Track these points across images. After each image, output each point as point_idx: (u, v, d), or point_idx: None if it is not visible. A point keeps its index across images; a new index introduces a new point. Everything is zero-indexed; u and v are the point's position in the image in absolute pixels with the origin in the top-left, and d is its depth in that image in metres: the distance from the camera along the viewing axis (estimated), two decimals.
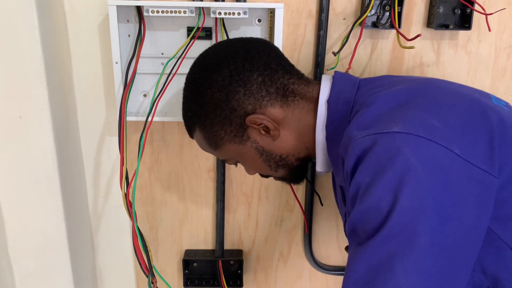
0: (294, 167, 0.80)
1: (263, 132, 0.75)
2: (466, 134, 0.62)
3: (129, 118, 0.92)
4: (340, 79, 0.77)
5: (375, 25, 0.95)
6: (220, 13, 0.87)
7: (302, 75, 0.79)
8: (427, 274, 0.55)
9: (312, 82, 0.78)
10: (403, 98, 0.67)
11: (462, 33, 0.98)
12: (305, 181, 1.07)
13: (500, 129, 0.63)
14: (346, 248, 1.02)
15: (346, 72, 0.94)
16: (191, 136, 0.82)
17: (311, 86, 0.77)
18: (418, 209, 0.56)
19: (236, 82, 0.73)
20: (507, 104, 0.73)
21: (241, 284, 1.12)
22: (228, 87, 0.73)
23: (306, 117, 0.76)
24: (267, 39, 0.94)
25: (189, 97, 0.78)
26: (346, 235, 0.70)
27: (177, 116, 0.94)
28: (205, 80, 0.75)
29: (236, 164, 0.85)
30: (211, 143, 0.78)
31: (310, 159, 0.80)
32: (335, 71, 0.79)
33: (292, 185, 0.95)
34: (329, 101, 0.74)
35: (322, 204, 1.08)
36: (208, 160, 1.06)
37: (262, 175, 0.86)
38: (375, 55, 0.99)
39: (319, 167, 0.79)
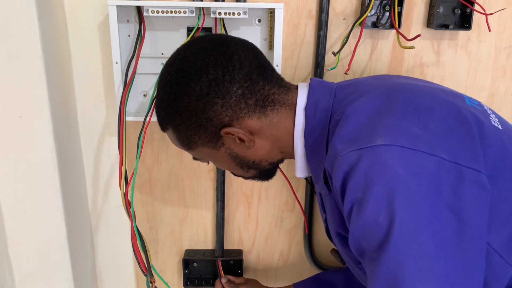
0: (265, 170, 0.80)
1: (238, 141, 0.74)
2: (449, 137, 0.63)
3: (128, 118, 0.92)
4: (317, 86, 0.76)
5: (375, 25, 0.95)
6: (220, 13, 0.87)
7: (283, 81, 0.77)
8: (443, 277, 0.56)
9: (291, 89, 0.77)
10: (381, 105, 0.67)
11: (462, 33, 0.98)
12: (305, 181, 1.07)
13: (478, 128, 0.65)
14: (332, 251, 1.01)
15: (345, 73, 0.94)
16: (163, 131, 0.80)
17: (290, 94, 0.76)
18: (417, 217, 0.57)
19: (215, 93, 0.70)
20: (479, 103, 0.75)
21: None
22: (206, 97, 0.70)
23: (284, 124, 0.75)
24: (267, 39, 0.94)
25: (164, 98, 0.75)
26: (338, 249, 0.75)
27: None
28: (182, 87, 0.71)
29: (208, 163, 0.84)
30: (184, 144, 0.77)
31: (281, 162, 0.81)
32: (311, 78, 0.79)
33: (290, 181, 0.95)
34: (306, 109, 0.74)
35: (314, 192, 1.08)
36: None
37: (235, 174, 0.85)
38: (375, 55, 0.99)
39: (299, 173, 0.79)
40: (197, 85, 0.70)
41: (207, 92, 0.70)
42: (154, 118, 0.90)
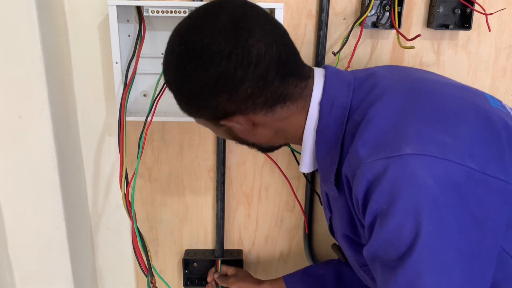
0: (265, 149, 0.78)
1: (238, 126, 0.71)
2: (477, 145, 0.61)
3: (129, 118, 0.92)
4: (333, 78, 0.71)
5: (375, 25, 0.95)
6: None
7: (303, 70, 0.71)
8: (456, 286, 0.57)
9: (309, 80, 0.72)
10: (406, 107, 0.64)
11: (462, 33, 0.98)
12: (305, 181, 1.07)
13: (506, 134, 0.63)
14: (333, 247, 1.00)
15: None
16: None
17: (307, 89, 0.71)
18: (442, 231, 0.56)
19: (222, 87, 0.65)
20: (502, 104, 0.73)
21: None
22: (212, 88, 0.65)
23: (294, 119, 0.71)
24: None
25: (170, 69, 0.69)
26: (348, 257, 0.75)
27: (177, 116, 0.94)
28: (190, 68, 0.65)
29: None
30: (184, 110, 0.72)
31: (283, 145, 0.79)
32: (327, 66, 0.75)
33: (290, 181, 0.93)
34: (321, 104, 0.69)
35: (322, 204, 1.08)
36: (208, 160, 1.06)
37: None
38: (375, 55, 0.99)
39: (304, 168, 0.75)
40: (206, 74, 0.64)
41: (214, 84, 0.64)
42: (155, 119, 0.90)
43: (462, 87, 0.74)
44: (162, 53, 0.91)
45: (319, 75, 0.72)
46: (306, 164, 0.75)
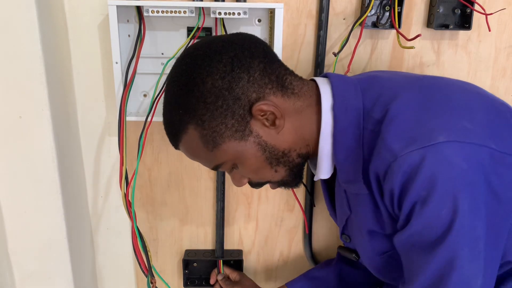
0: (294, 165, 0.77)
1: (266, 124, 0.71)
2: (492, 128, 0.66)
3: (129, 118, 0.92)
4: (340, 83, 0.75)
5: (375, 25, 0.95)
6: (220, 13, 0.87)
7: (293, 71, 0.77)
8: (483, 253, 0.64)
9: (304, 80, 0.77)
10: (424, 102, 0.69)
11: (462, 33, 0.98)
12: (305, 181, 1.07)
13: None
14: (341, 249, 1.00)
15: (345, 74, 0.94)
16: (178, 143, 0.75)
17: (305, 83, 0.76)
18: (474, 208, 0.62)
19: (239, 68, 0.69)
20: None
21: None
22: (231, 73, 0.69)
23: (306, 111, 0.74)
24: (267, 39, 0.94)
25: (180, 93, 0.71)
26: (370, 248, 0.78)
27: None
28: (203, 69, 0.69)
29: (231, 170, 0.78)
30: (209, 141, 0.72)
31: (308, 157, 0.79)
32: (327, 73, 0.78)
33: (291, 188, 0.92)
34: (335, 109, 0.72)
35: (314, 205, 1.08)
36: None
37: (254, 185, 0.80)
38: (375, 55, 0.99)
39: (323, 174, 0.77)
40: (220, 63, 0.69)
41: (231, 68, 0.69)
42: (155, 119, 0.90)
43: (463, 82, 0.79)
44: (162, 53, 0.92)
45: (323, 82, 0.76)
46: (325, 170, 0.77)
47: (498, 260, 0.68)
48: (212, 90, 0.69)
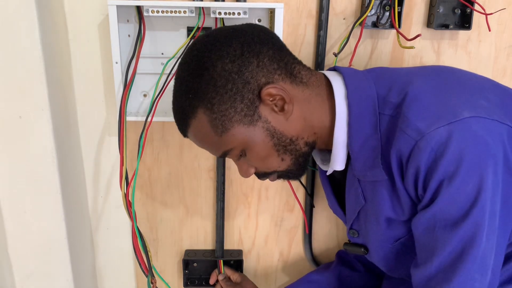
0: (301, 154, 0.77)
1: (275, 109, 0.72)
2: (506, 107, 0.68)
3: (129, 118, 0.92)
4: (351, 73, 0.76)
5: (375, 25, 0.95)
6: (220, 13, 0.87)
7: (301, 61, 0.78)
8: (497, 229, 0.66)
9: (313, 71, 0.78)
10: (439, 84, 0.71)
11: (462, 33, 0.98)
12: (305, 181, 1.07)
13: None
14: (347, 245, 0.99)
15: None
16: (187, 128, 0.75)
17: (313, 75, 0.77)
18: (496, 183, 0.64)
19: (249, 52, 0.70)
20: None
21: None
22: (241, 58, 0.70)
23: (316, 99, 0.75)
24: None
25: (190, 78, 0.72)
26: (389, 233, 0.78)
27: None
28: (214, 53, 0.71)
29: (238, 158, 0.78)
30: (217, 126, 0.72)
31: (314, 147, 0.79)
32: (336, 67, 0.79)
33: (291, 181, 0.94)
34: (350, 98, 0.73)
35: (313, 206, 1.08)
36: (208, 160, 1.06)
37: (260, 176, 0.81)
38: (375, 55, 0.99)
39: (338, 165, 0.78)
40: (230, 47, 0.70)
41: (241, 52, 0.70)
42: (155, 119, 0.90)
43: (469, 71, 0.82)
44: (162, 53, 0.92)
45: (332, 74, 0.77)
46: (341, 160, 0.77)
47: (507, 237, 0.69)
48: (222, 74, 0.70)
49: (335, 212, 0.94)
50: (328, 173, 0.82)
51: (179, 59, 0.79)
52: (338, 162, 0.78)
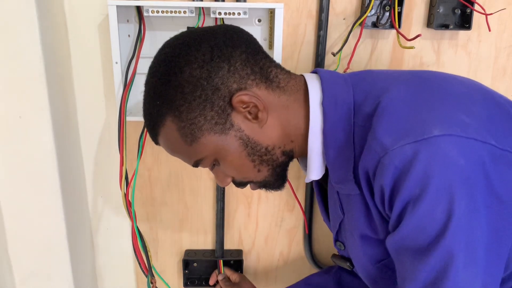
0: (278, 164, 0.73)
1: (249, 117, 0.68)
2: (492, 122, 0.62)
3: (129, 118, 0.92)
4: (329, 78, 0.71)
5: (375, 25, 0.95)
6: (220, 13, 0.87)
7: (279, 64, 0.73)
8: (480, 260, 0.59)
9: (292, 74, 0.73)
10: (418, 93, 0.65)
11: (462, 33, 0.98)
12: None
13: None
14: (334, 257, 0.95)
15: (344, 72, 0.94)
16: (157, 137, 0.71)
17: (293, 77, 0.72)
18: (472, 208, 0.57)
19: (219, 57, 0.65)
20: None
21: None
22: (210, 63, 0.65)
23: (293, 106, 0.70)
24: (267, 39, 0.94)
25: (158, 83, 0.68)
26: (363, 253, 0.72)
27: None
28: (181, 58, 0.66)
29: (212, 167, 0.74)
30: (187, 135, 0.68)
31: (293, 156, 0.74)
32: (317, 69, 0.74)
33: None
34: (324, 104, 0.68)
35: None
36: None
37: (237, 184, 0.76)
38: (375, 55, 0.99)
39: (313, 174, 0.73)
40: (198, 51, 0.66)
41: (210, 57, 0.65)
42: None
43: (463, 77, 0.75)
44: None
45: (311, 77, 0.72)
46: (316, 170, 0.72)
47: (501, 267, 0.61)
48: (190, 80, 0.65)
49: (324, 221, 0.91)
50: (306, 181, 0.76)
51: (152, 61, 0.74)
52: (313, 172, 0.73)
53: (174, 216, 1.11)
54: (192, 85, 0.66)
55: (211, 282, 1.10)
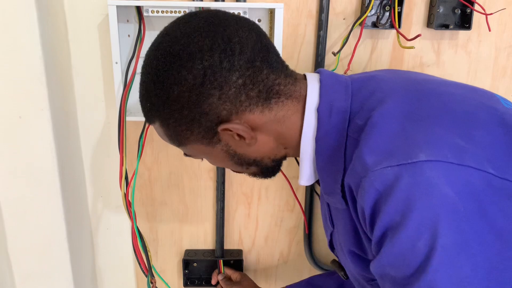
0: (267, 167, 0.72)
1: (237, 138, 0.65)
2: (495, 148, 0.56)
3: (129, 118, 0.92)
4: (329, 82, 0.67)
5: (375, 25, 0.95)
6: None
7: (288, 69, 0.68)
8: None
9: (298, 79, 0.68)
10: (414, 110, 0.60)
11: (462, 33, 0.98)
12: None
13: None
14: (333, 263, 0.95)
15: (345, 73, 0.94)
16: (149, 123, 0.70)
17: (298, 84, 0.67)
18: (459, 243, 0.52)
19: (211, 83, 0.60)
20: None
21: None
22: (200, 88, 0.60)
23: (291, 119, 0.66)
24: None
25: (149, 87, 0.64)
26: (354, 272, 0.69)
27: None
28: (172, 74, 0.61)
29: (202, 159, 0.73)
30: (174, 140, 0.67)
31: (285, 158, 0.72)
32: (320, 70, 0.71)
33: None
34: (319, 110, 0.65)
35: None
36: None
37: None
38: (375, 55, 0.99)
39: (304, 181, 0.70)
40: (190, 73, 0.60)
41: (201, 82, 0.60)
42: None
43: (471, 88, 0.69)
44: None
45: (313, 79, 0.68)
46: (306, 176, 0.69)
47: None
48: (178, 100, 0.62)
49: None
50: (300, 184, 0.72)
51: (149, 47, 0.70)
52: (303, 178, 0.70)
53: (174, 216, 1.11)
54: (180, 104, 0.62)
55: (213, 282, 1.10)
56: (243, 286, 1.07)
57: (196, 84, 0.61)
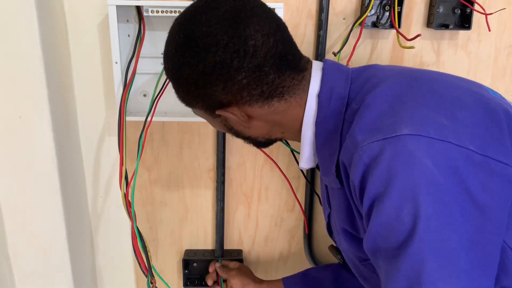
0: (261, 142, 0.78)
1: (234, 119, 0.71)
2: (477, 128, 0.60)
3: (128, 118, 0.92)
4: (331, 70, 0.71)
5: (375, 25, 0.95)
6: None
7: (302, 65, 0.71)
8: (463, 273, 0.54)
9: (307, 72, 0.72)
10: (404, 93, 0.64)
11: (462, 33, 0.98)
12: (305, 181, 1.07)
13: (507, 119, 0.62)
14: (330, 248, 0.98)
15: None
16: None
17: (304, 81, 0.71)
18: (442, 213, 0.54)
19: (217, 76, 0.65)
20: (501, 96, 0.72)
21: None
22: (208, 77, 0.66)
23: (291, 112, 0.71)
24: None
25: (169, 53, 0.70)
26: (345, 250, 0.72)
27: (177, 116, 0.94)
28: (187, 57, 0.66)
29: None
30: (183, 100, 0.73)
31: (281, 139, 0.78)
32: (325, 60, 0.74)
33: (290, 182, 0.88)
34: (320, 96, 0.69)
35: (321, 204, 1.08)
36: (208, 160, 1.06)
37: None
38: (375, 55, 0.99)
39: (304, 163, 0.75)
40: (201, 62, 0.65)
41: (210, 72, 0.65)
42: (155, 118, 0.90)
43: (463, 79, 0.73)
44: (162, 53, 0.90)
45: (316, 68, 0.72)
46: (306, 159, 0.74)
47: (488, 283, 0.57)
48: (187, 79, 0.68)
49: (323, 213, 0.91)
50: (300, 167, 0.78)
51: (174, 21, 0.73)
52: (303, 160, 0.75)
53: (174, 216, 1.11)
54: (187, 83, 0.68)
55: (210, 270, 1.09)
56: (240, 271, 1.06)
57: (205, 72, 0.66)
